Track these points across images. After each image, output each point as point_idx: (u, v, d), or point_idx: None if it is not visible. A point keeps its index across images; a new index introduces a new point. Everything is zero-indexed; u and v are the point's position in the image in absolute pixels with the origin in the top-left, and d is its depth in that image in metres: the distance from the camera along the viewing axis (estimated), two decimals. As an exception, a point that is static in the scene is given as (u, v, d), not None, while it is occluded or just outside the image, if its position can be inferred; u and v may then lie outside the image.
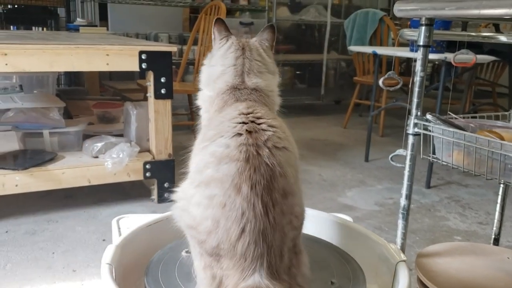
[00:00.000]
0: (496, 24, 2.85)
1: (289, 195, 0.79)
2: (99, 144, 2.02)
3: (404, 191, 1.23)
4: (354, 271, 1.02)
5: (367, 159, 2.90)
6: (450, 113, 1.19)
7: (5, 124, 2.17)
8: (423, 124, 1.14)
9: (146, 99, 2.09)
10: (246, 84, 0.93)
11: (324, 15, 4.39)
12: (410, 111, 1.18)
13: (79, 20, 3.50)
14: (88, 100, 3.04)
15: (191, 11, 4.45)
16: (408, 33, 1.47)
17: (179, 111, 3.46)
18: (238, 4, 4.26)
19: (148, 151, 2.11)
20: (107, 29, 3.67)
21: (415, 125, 1.16)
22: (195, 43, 3.14)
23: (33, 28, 4.04)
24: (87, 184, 1.93)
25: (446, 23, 2.36)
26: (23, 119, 2.09)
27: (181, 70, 3.06)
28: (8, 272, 1.49)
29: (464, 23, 2.96)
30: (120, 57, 1.86)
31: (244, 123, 0.82)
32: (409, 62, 4.86)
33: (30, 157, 1.97)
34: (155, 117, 2.00)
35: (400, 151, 1.22)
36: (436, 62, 3.80)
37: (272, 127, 0.83)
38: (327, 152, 3.08)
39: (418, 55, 1.14)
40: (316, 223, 1.22)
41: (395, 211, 2.07)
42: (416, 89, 1.17)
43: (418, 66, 1.14)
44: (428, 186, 2.46)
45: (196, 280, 0.86)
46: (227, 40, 0.99)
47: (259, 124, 0.82)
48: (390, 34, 3.61)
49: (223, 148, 0.79)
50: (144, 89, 2.24)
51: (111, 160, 1.93)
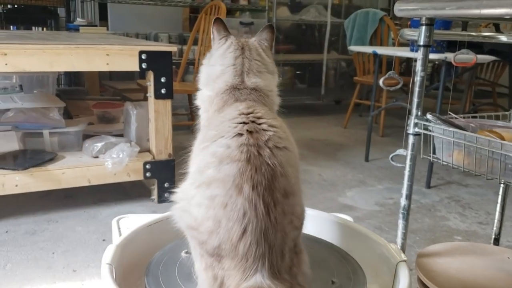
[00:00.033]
0: (496, 24, 2.85)
1: (290, 195, 0.79)
2: (99, 144, 2.02)
3: (404, 191, 1.22)
4: (354, 271, 1.02)
5: (367, 159, 2.90)
6: (451, 113, 1.19)
7: (5, 124, 2.17)
8: (424, 124, 1.14)
9: (146, 99, 2.09)
10: (246, 84, 0.93)
11: (324, 15, 4.39)
12: (410, 111, 1.18)
13: (79, 20, 3.50)
14: (88, 100, 3.04)
15: (191, 11, 4.45)
16: (409, 33, 1.47)
17: (179, 111, 3.46)
18: (238, 4, 4.26)
19: (148, 151, 2.11)
20: (107, 29, 3.67)
21: (416, 125, 1.16)
22: (195, 43, 3.14)
23: (33, 28, 4.04)
24: (87, 184, 1.93)
25: (447, 23, 2.35)
26: (23, 119, 2.09)
27: (181, 70, 3.06)
28: (8, 272, 1.49)
29: (465, 23, 2.96)
30: (120, 57, 1.86)
31: (245, 123, 0.82)
32: (409, 62, 4.86)
33: (30, 157, 1.96)
34: (155, 117, 2.00)
35: (400, 151, 1.22)
36: (436, 62, 3.80)
37: (272, 127, 0.82)
38: (327, 152, 3.08)
39: (419, 55, 1.14)
40: (317, 223, 1.22)
41: (395, 211, 2.07)
42: (416, 89, 1.17)
43: (419, 66, 1.14)
44: (428, 186, 2.46)
45: (197, 281, 0.85)
46: (226, 40, 0.99)
47: (259, 124, 0.82)
48: (390, 34, 3.61)
49: (224, 149, 0.79)
50: (144, 89, 2.24)
51: (111, 160, 1.93)
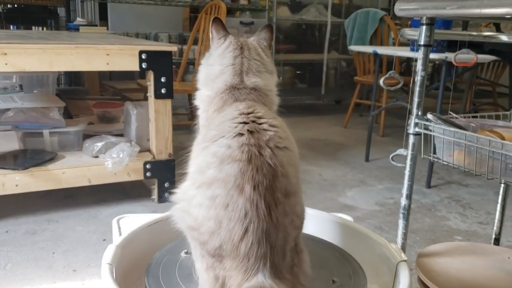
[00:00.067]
0: (496, 24, 2.85)
1: (291, 195, 0.79)
2: (99, 144, 2.02)
3: (404, 191, 1.22)
4: (354, 270, 1.02)
5: (367, 159, 2.90)
6: (451, 112, 1.19)
7: (5, 124, 2.17)
8: (424, 124, 1.14)
9: (146, 98, 2.08)
10: (245, 84, 0.93)
11: (325, 15, 4.39)
12: (410, 110, 1.18)
13: (79, 20, 3.49)
14: (88, 99, 3.03)
15: (191, 10, 4.45)
16: (409, 32, 1.47)
17: (179, 110, 3.46)
18: (239, 3, 4.26)
19: (149, 151, 2.11)
20: (107, 28, 3.67)
21: (416, 124, 1.16)
22: (195, 42, 3.14)
23: (33, 27, 4.04)
24: (87, 184, 1.93)
25: (447, 23, 2.35)
26: (23, 118, 2.09)
27: (181, 70, 3.06)
28: (8, 272, 1.49)
29: (465, 23, 2.96)
30: (120, 56, 1.86)
31: (245, 123, 0.81)
32: (409, 61, 4.86)
33: (30, 157, 1.96)
34: (155, 116, 2.00)
35: (400, 151, 1.22)
36: (437, 62, 3.80)
37: (273, 126, 0.82)
38: (327, 152, 3.08)
39: (419, 55, 1.14)
40: (317, 223, 1.22)
41: (396, 211, 2.06)
42: (416, 88, 1.17)
43: (419, 66, 1.14)
44: (428, 186, 2.46)
45: (198, 281, 0.85)
46: (225, 40, 0.98)
47: (260, 124, 0.82)
48: (390, 34, 3.61)
49: (225, 149, 0.78)
50: (144, 88, 2.24)
51: (111, 160, 1.93)
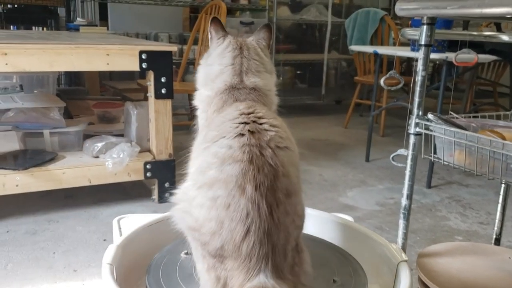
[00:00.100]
0: (497, 24, 2.85)
1: (292, 195, 0.79)
2: (100, 144, 2.02)
3: (405, 191, 1.22)
4: (355, 270, 1.02)
5: (368, 159, 2.90)
6: (452, 112, 1.19)
7: (5, 124, 2.17)
8: (425, 124, 1.14)
9: (146, 99, 2.08)
10: (245, 84, 0.93)
11: (325, 15, 4.39)
12: (411, 110, 1.18)
13: (79, 20, 3.49)
14: (88, 100, 3.03)
15: (191, 10, 4.45)
16: (410, 32, 1.47)
17: (179, 111, 3.46)
18: (239, 3, 4.26)
19: (149, 151, 2.11)
20: (107, 28, 3.67)
21: (417, 124, 1.16)
22: (195, 42, 3.14)
23: (33, 27, 4.04)
24: (87, 184, 1.93)
25: (448, 23, 2.35)
26: (23, 119, 2.09)
27: (181, 70, 3.06)
28: (9, 272, 1.49)
29: (466, 23, 2.95)
30: (121, 56, 1.86)
31: (246, 123, 0.81)
32: (409, 61, 4.86)
33: (30, 157, 1.96)
34: (155, 117, 2.00)
35: (401, 151, 1.22)
36: (437, 62, 3.80)
37: (273, 126, 0.82)
38: (328, 152, 3.08)
39: (420, 55, 1.13)
40: (317, 223, 1.21)
41: (396, 211, 2.06)
42: (417, 88, 1.17)
43: (420, 66, 1.14)
44: (429, 186, 2.45)
45: (199, 282, 0.85)
46: (224, 39, 0.98)
47: (260, 124, 0.82)
48: (391, 34, 3.61)
49: (226, 149, 0.78)
50: (145, 89, 2.23)
51: (111, 160, 1.93)
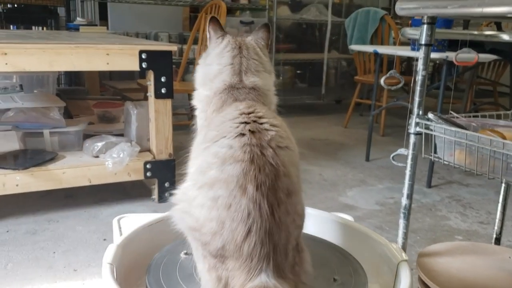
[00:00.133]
0: (497, 23, 2.84)
1: (292, 194, 0.79)
2: (100, 144, 2.02)
3: (405, 191, 1.22)
4: (355, 269, 1.02)
5: (367, 159, 2.90)
6: (452, 112, 1.19)
7: (5, 124, 2.17)
8: (425, 124, 1.14)
9: (146, 98, 2.08)
10: (244, 83, 0.93)
11: (325, 14, 4.39)
12: (411, 110, 1.18)
13: (79, 20, 3.49)
14: (88, 99, 3.03)
15: (191, 10, 4.45)
16: (410, 31, 1.47)
17: (179, 110, 3.45)
18: (239, 3, 4.25)
19: (149, 150, 2.11)
20: (107, 28, 3.67)
21: (417, 124, 1.16)
22: (195, 42, 3.13)
23: (33, 27, 4.04)
24: (87, 183, 1.93)
25: (448, 22, 2.35)
26: (23, 118, 2.09)
27: (181, 70, 3.06)
28: (9, 272, 1.49)
29: (466, 22, 2.95)
30: (120, 56, 1.86)
31: (246, 123, 0.81)
32: (409, 61, 4.86)
33: (30, 156, 1.96)
34: (155, 116, 1.99)
35: (401, 151, 1.22)
36: (437, 61, 3.79)
37: (274, 126, 0.82)
38: (327, 151, 3.08)
39: (420, 54, 1.13)
40: (317, 223, 1.21)
41: (396, 211, 2.06)
42: (417, 88, 1.17)
43: (420, 65, 1.14)
44: (429, 186, 2.45)
45: (200, 282, 0.85)
46: (223, 39, 0.98)
47: (261, 123, 0.82)
48: (391, 33, 3.60)
49: (227, 149, 0.78)
50: (145, 88, 2.23)
51: (111, 160, 1.93)
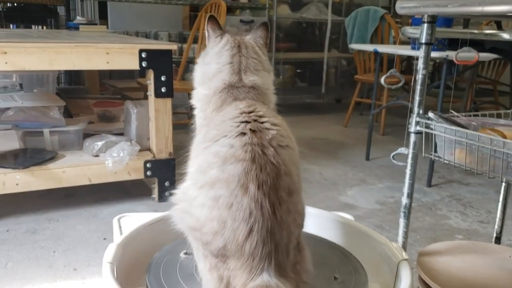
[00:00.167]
0: (498, 22, 2.84)
1: (293, 193, 0.79)
2: (100, 143, 2.02)
3: (405, 190, 1.22)
4: (355, 268, 1.02)
5: (368, 158, 2.90)
6: (452, 111, 1.18)
7: (5, 123, 2.17)
8: (425, 123, 1.14)
9: (146, 97, 2.08)
10: (244, 82, 0.93)
11: (325, 13, 4.38)
12: (411, 109, 1.17)
13: (79, 19, 3.49)
14: (88, 99, 3.04)
15: (191, 9, 4.44)
16: (410, 30, 1.47)
17: (179, 109, 3.45)
18: (239, 2, 4.25)
19: (149, 150, 2.11)
20: (107, 27, 3.67)
21: (417, 123, 1.16)
22: (195, 41, 3.13)
23: (32, 26, 4.03)
24: (87, 183, 1.92)
25: (448, 21, 2.34)
26: (23, 118, 2.08)
27: (181, 69, 3.06)
28: (9, 271, 1.49)
29: (466, 21, 2.95)
30: (120, 55, 1.86)
31: (247, 122, 0.81)
32: (409, 60, 4.85)
33: (30, 156, 1.96)
34: (155, 115, 1.99)
35: (402, 150, 1.22)
36: (437, 60, 3.79)
37: (275, 125, 0.82)
38: (327, 151, 3.08)
39: (420, 53, 1.13)
40: (318, 222, 1.21)
41: (396, 210, 2.06)
42: (418, 87, 1.17)
43: (420, 64, 1.14)
44: (429, 185, 2.45)
45: (201, 282, 0.85)
46: (222, 38, 0.98)
47: (262, 122, 0.82)
48: (391, 32, 3.60)
49: (227, 148, 0.78)
50: (144, 87, 2.23)
51: (111, 159, 1.93)
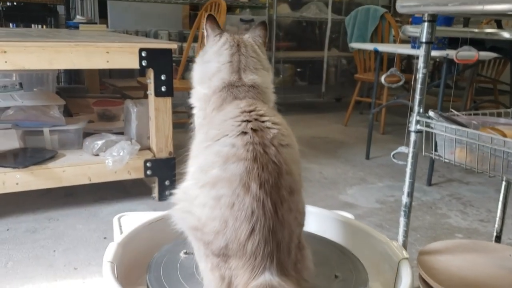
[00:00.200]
0: (498, 21, 2.84)
1: (295, 192, 0.79)
2: (100, 142, 2.02)
3: (406, 189, 1.22)
4: (355, 267, 1.02)
5: (368, 157, 2.89)
6: (453, 110, 1.18)
7: (5, 122, 2.17)
8: (425, 122, 1.13)
9: (146, 96, 2.08)
10: (243, 81, 0.93)
11: (325, 12, 4.38)
12: (412, 108, 1.17)
13: (78, 18, 3.49)
14: (88, 98, 3.03)
15: (191, 8, 4.44)
16: (411, 29, 1.46)
17: (179, 108, 3.45)
18: (239, 1, 4.25)
19: (149, 149, 2.11)
20: (107, 26, 3.67)
21: (417, 122, 1.16)
22: (195, 40, 3.13)
23: (32, 25, 4.03)
24: (87, 182, 1.92)
25: (448, 20, 2.34)
26: (23, 117, 2.08)
27: (181, 68, 3.05)
28: (9, 270, 1.49)
29: (466, 20, 2.95)
30: (120, 54, 1.85)
31: (248, 121, 0.81)
32: (409, 59, 4.85)
33: (30, 155, 1.96)
34: (155, 115, 1.99)
35: (402, 149, 1.22)
36: (437, 59, 3.79)
37: (276, 124, 0.82)
38: (328, 150, 3.08)
39: (421, 52, 1.13)
40: (318, 221, 1.22)
41: (396, 209, 2.06)
42: (418, 86, 1.16)
43: (421, 63, 1.13)
44: (429, 184, 2.45)
45: (203, 282, 0.85)
46: (221, 37, 0.98)
47: (263, 122, 0.82)
48: (391, 31, 3.60)
49: (229, 148, 0.78)
50: (144, 86, 2.23)
51: (111, 158, 1.93)
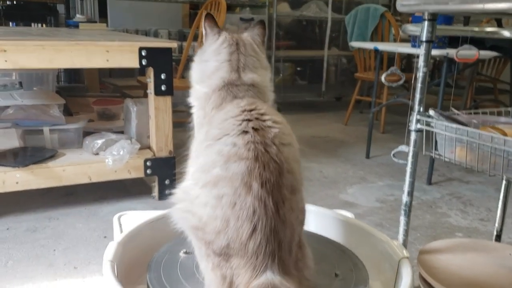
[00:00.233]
0: (498, 20, 2.84)
1: (296, 191, 0.79)
2: (100, 141, 2.02)
3: (406, 188, 1.22)
4: (355, 265, 1.03)
5: (368, 156, 2.89)
6: (453, 109, 1.18)
7: (5, 121, 2.16)
8: (426, 121, 1.13)
9: (146, 95, 2.08)
10: (242, 80, 0.93)
11: (325, 11, 4.37)
12: (412, 107, 1.17)
13: (78, 17, 3.49)
14: (88, 97, 3.03)
15: (191, 7, 4.44)
16: (411, 28, 1.46)
17: (179, 108, 3.45)
18: (239, 0, 4.25)
19: (149, 148, 2.11)
20: (107, 25, 3.67)
21: (418, 121, 1.16)
22: (195, 39, 3.12)
23: (32, 24, 4.03)
24: (87, 181, 1.92)
25: (449, 19, 2.34)
26: (23, 116, 2.08)
27: (181, 67, 3.05)
28: (9, 270, 1.49)
29: (466, 19, 2.95)
30: (120, 53, 1.85)
31: (249, 120, 0.81)
32: (409, 58, 4.85)
33: (30, 154, 1.96)
34: (155, 114, 1.99)
35: (402, 148, 1.22)
36: (437, 58, 3.79)
37: (276, 123, 0.82)
38: (328, 149, 3.07)
39: (421, 51, 1.13)
40: (318, 220, 1.22)
41: (396, 208, 2.06)
42: (418, 85, 1.16)
43: (421, 62, 1.13)
44: (429, 183, 2.45)
45: (204, 281, 0.85)
46: (220, 35, 0.98)
47: (264, 121, 0.82)
48: (391, 30, 3.59)
49: (230, 147, 0.78)
50: (144, 85, 2.23)
51: (111, 157, 1.93)
